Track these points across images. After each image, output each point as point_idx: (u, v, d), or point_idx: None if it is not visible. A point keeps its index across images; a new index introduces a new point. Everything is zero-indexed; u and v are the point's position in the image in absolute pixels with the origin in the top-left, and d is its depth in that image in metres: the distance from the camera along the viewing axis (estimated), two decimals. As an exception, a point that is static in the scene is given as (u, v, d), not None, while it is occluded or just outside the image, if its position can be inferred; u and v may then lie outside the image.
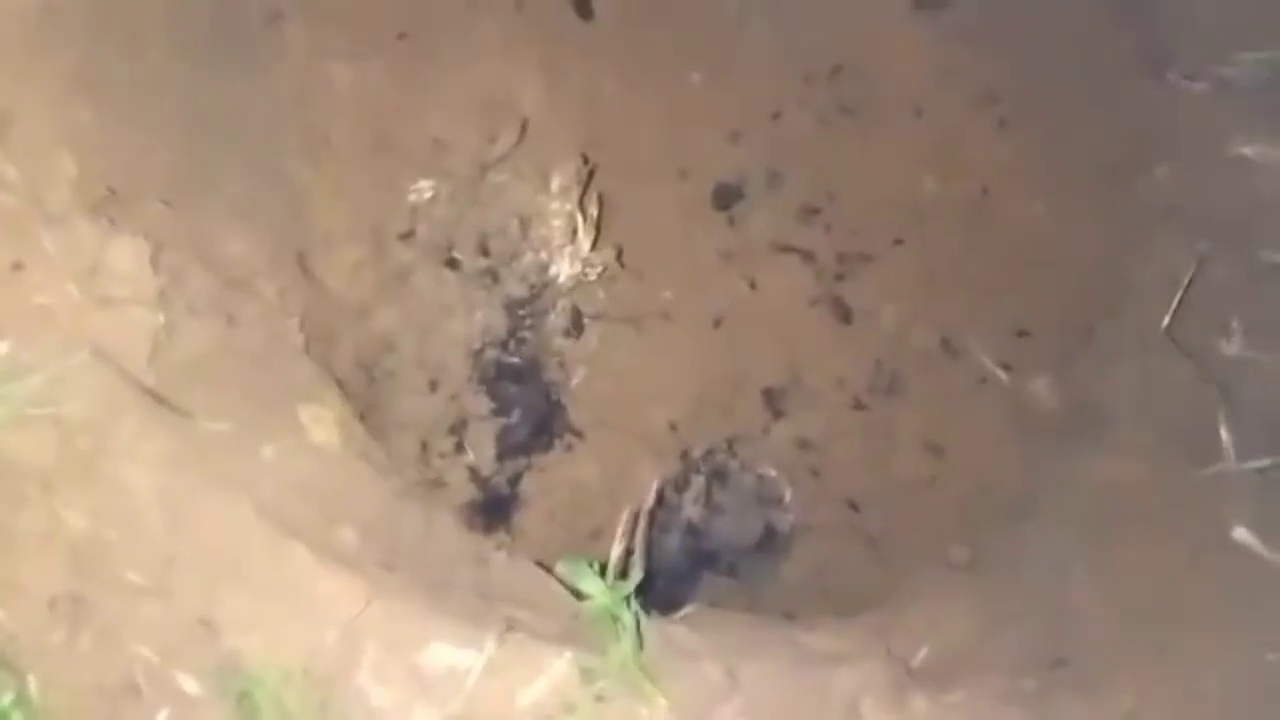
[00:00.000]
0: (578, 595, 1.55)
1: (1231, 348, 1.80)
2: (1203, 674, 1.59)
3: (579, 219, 2.31)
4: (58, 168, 1.47)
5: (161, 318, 1.49)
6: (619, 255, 2.44)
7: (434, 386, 2.31)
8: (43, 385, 1.35)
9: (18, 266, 1.39)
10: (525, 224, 2.32)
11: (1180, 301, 1.86)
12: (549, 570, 1.72)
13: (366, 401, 2.20)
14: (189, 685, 1.33)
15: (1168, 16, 2.14)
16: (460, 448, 2.32)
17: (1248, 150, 1.94)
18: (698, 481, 2.46)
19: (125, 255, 1.47)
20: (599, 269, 2.39)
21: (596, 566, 1.55)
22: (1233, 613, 1.64)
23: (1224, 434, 1.74)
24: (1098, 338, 2.14)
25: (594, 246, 2.36)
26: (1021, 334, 2.52)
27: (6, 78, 1.47)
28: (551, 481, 2.52)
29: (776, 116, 2.74)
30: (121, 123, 1.61)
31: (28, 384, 1.35)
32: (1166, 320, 1.81)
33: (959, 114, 2.61)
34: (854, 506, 2.60)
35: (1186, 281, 1.81)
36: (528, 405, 2.38)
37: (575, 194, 2.29)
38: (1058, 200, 2.46)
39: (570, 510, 2.53)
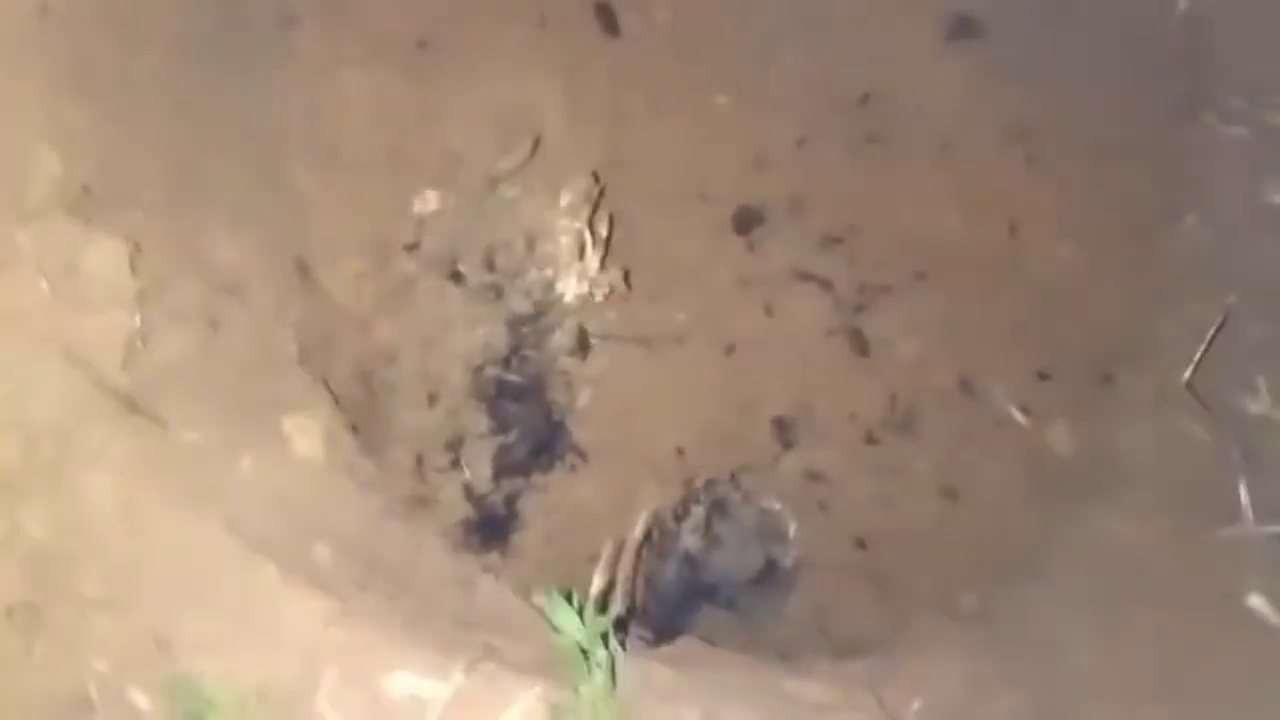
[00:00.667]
0: (556, 628, 1.49)
1: (1257, 407, 1.72)
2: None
3: (588, 237, 2.26)
4: (39, 166, 1.44)
5: (138, 321, 1.45)
6: (626, 277, 2.39)
7: (432, 401, 2.27)
8: (9, 388, 1.32)
9: (-9, 264, 1.37)
10: (532, 240, 2.28)
11: (1205, 355, 1.79)
12: (528, 601, 1.67)
13: (363, 413, 2.16)
14: (140, 701, 1.29)
15: (1208, 60, 2.07)
16: (456, 464, 2.27)
17: (1283, 199, 1.87)
18: (697, 511, 2.39)
19: (104, 257, 1.43)
20: (605, 290, 2.34)
21: (577, 600, 1.50)
22: (1243, 688, 1.55)
23: (1244, 495, 1.66)
24: (1119, 386, 2.07)
25: (602, 267, 2.31)
26: (1042, 377, 2.45)
27: (-4, 74, 1.45)
28: (552, 502, 2.47)
29: (802, 143, 2.69)
30: (112, 124, 1.58)
31: (-4, 385, 1.32)
32: (1188, 374, 1.73)
33: (988, 150, 2.55)
34: (861, 544, 2.53)
35: (1211, 335, 1.73)
36: (527, 425, 2.34)
37: (585, 212, 2.24)
38: (1085, 242, 2.39)
39: (570, 533, 2.48)
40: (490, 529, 2.33)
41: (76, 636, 1.30)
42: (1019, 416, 2.46)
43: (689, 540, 2.37)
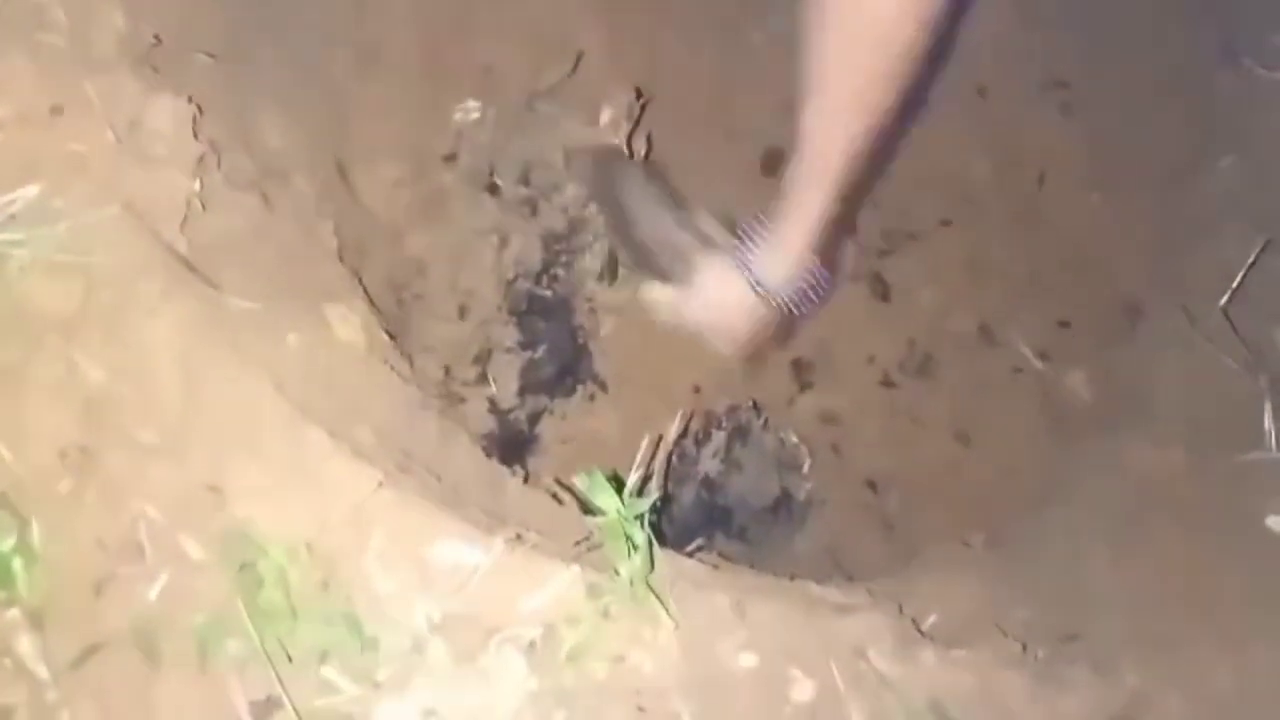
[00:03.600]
0: (590, 512, 1.51)
1: (1286, 338, 1.76)
2: (1219, 662, 1.55)
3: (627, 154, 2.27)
4: (107, 17, 1.45)
5: (198, 184, 1.46)
6: (663, 196, 2.39)
7: (463, 313, 2.28)
8: (71, 233, 1.33)
9: (56, 110, 1.37)
10: (570, 156, 2.29)
11: (1237, 289, 1.82)
12: (567, 487, 1.69)
13: (393, 323, 2.17)
14: (192, 549, 1.31)
15: (1248, 5, 2.09)
16: (483, 378, 2.29)
17: (1324, 139, 1.89)
18: (718, 436, 2.42)
19: (167, 115, 1.44)
20: (642, 208, 2.34)
21: (614, 484, 1.52)
22: (1259, 605, 1.59)
23: (1268, 423, 1.69)
24: (1143, 325, 2.09)
25: (639, 184, 2.32)
26: (1063, 325, 2.49)
27: (62, -79, 1.45)
28: (570, 430, 2.49)
29: (835, 85, 2.70)
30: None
31: (55, 230, 1.33)
32: (1224, 300, 1.76)
33: (1022, 97, 2.58)
34: (872, 487, 2.57)
35: (1252, 259, 1.76)
36: (555, 342, 2.35)
37: (625, 129, 2.25)
38: (1116, 191, 2.42)
39: (586, 462, 2.49)
40: (510, 448, 2.35)
41: (129, 482, 1.31)
42: (1037, 363, 2.49)
43: (709, 465, 2.39)
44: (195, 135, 1.47)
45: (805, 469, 2.49)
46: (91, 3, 1.44)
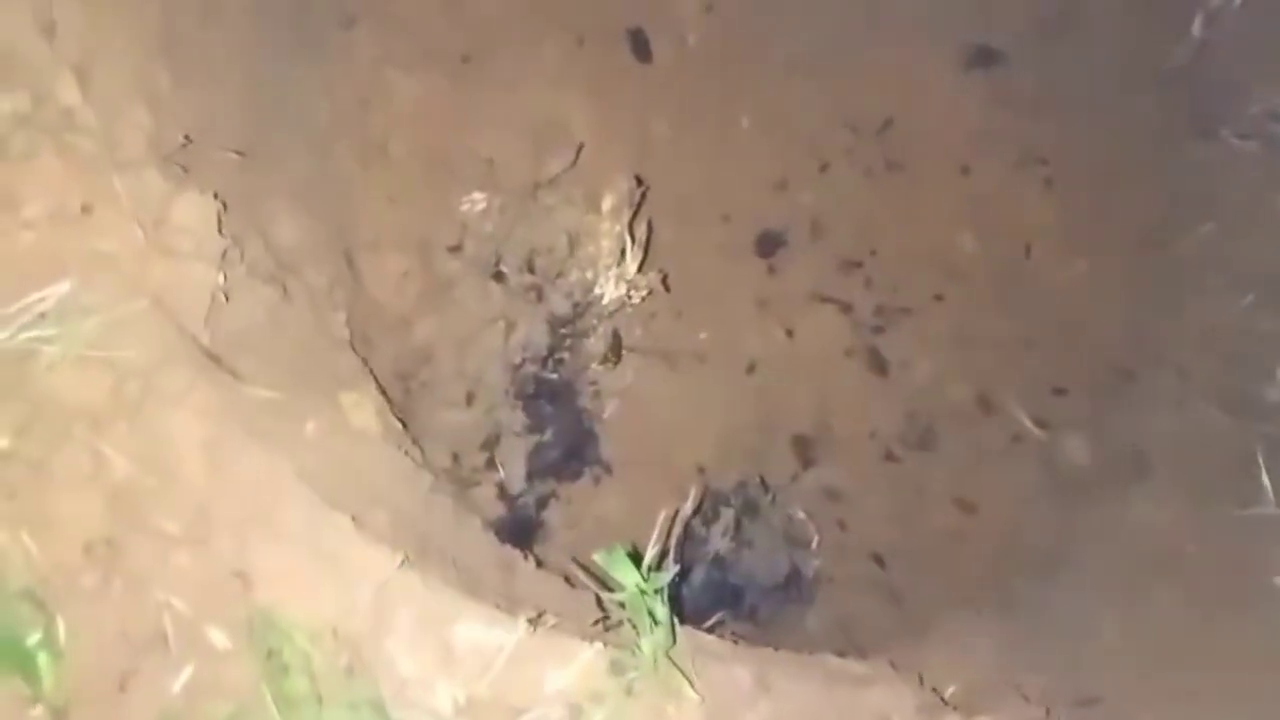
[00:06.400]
0: (609, 589, 1.52)
1: (1275, 395, 1.79)
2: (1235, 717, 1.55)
3: (628, 240, 2.33)
4: (134, 119, 1.50)
5: (222, 277, 1.50)
6: (664, 279, 2.45)
7: (470, 399, 2.31)
8: (100, 328, 1.36)
9: (87, 209, 1.41)
10: (574, 242, 2.34)
11: (1225, 351, 1.86)
12: (584, 566, 1.69)
13: (403, 410, 2.19)
14: (218, 638, 1.31)
15: (1220, 80, 2.18)
16: (491, 463, 2.30)
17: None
18: (727, 514, 2.42)
19: (193, 211, 1.49)
20: (644, 292, 2.40)
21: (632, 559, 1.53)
22: (1270, 659, 1.59)
23: (1265, 480, 1.72)
24: (1136, 386, 2.13)
25: (640, 269, 2.37)
26: (1058, 391, 2.52)
27: (91, 30, 1.50)
28: (576, 514, 2.50)
29: (824, 168, 2.78)
30: (194, 89, 1.64)
31: (85, 325, 1.36)
32: (1213, 359, 1.81)
33: (1005, 174, 2.65)
34: (879, 561, 2.56)
35: (1236, 322, 1.81)
36: (561, 426, 2.37)
37: (626, 215, 2.31)
38: (1100, 260, 2.48)
39: (591, 546, 2.49)
40: (519, 534, 2.35)
41: (154, 573, 1.32)
42: (1036, 430, 2.52)
43: (719, 543, 2.39)
44: (220, 230, 1.51)
45: (813, 545, 2.50)
46: (120, 105, 1.50)
